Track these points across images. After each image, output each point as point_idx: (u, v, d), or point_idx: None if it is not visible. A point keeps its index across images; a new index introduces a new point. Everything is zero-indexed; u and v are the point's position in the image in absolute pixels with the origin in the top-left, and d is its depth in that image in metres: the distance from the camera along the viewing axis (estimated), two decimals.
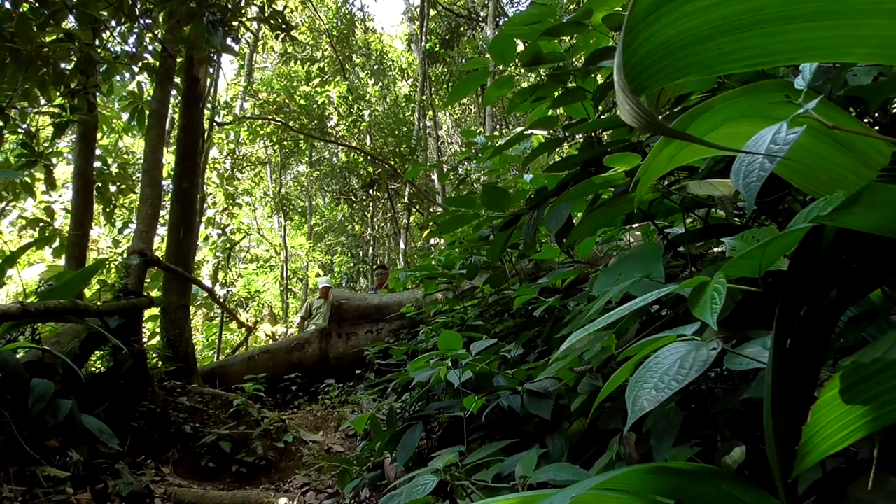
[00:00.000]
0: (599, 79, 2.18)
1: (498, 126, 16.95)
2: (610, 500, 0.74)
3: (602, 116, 2.16)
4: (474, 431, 2.21)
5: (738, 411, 1.38)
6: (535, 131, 2.64)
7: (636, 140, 1.76)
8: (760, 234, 0.80)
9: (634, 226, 2.58)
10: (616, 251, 3.07)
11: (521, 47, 2.41)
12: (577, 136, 3.47)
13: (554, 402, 1.95)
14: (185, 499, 3.67)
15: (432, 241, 15.70)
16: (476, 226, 2.99)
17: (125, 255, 6.63)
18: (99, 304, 4.13)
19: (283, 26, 5.57)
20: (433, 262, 4.31)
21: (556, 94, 2.27)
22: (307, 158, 18.13)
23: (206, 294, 9.70)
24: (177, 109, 8.40)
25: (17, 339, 3.32)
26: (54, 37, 4.72)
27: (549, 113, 2.28)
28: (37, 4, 4.05)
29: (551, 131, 2.90)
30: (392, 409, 3.03)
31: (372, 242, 18.34)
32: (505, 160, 4.37)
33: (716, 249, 2.13)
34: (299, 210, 19.25)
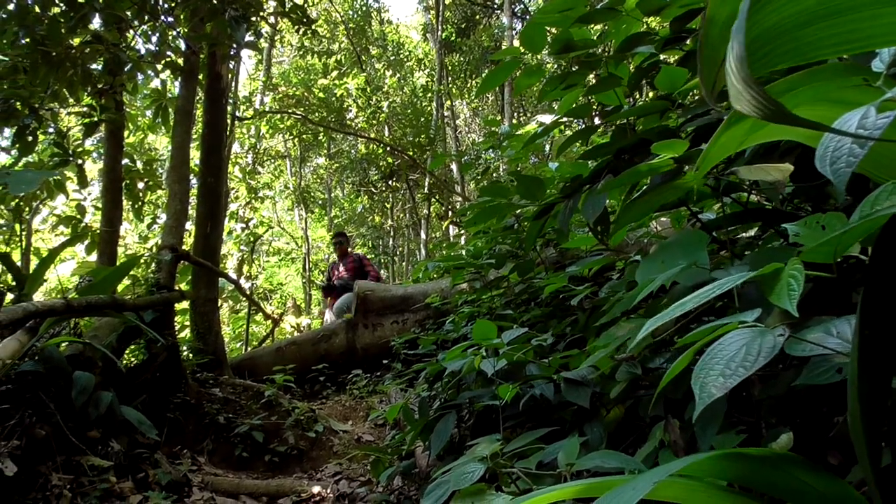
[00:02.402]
0: (631, 66, 2.15)
1: (516, 114, 16.83)
2: (674, 485, 0.75)
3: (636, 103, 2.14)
4: (507, 420, 2.21)
5: (780, 397, 1.37)
6: (566, 119, 2.61)
7: (673, 126, 1.74)
8: (825, 220, 0.80)
9: (659, 212, 2.55)
10: (647, 238, 3.04)
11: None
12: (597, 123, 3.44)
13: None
14: (222, 487, 3.76)
15: (452, 231, 15.71)
16: (501, 215, 2.98)
17: (154, 251, 6.77)
18: (133, 298, 4.23)
19: (304, 20, 5.58)
20: (455, 253, 4.31)
21: (586, 81, 2.25)
22: (326, 151, 18.24)
23: (231, 287, 9.86)
24: (198, 106, 8.50)
25: (59, 333, 3.42)
26: (79, 38, 4.81)
27: (582, 101, 2.26)
28: (65, 7, 4.13)
29: (572, 119, 2.87)
30: (423, 398, 3.06)
31: (392, 233, 18.43)
32: (528, 149, 4.34)
33: (743, 235, 2.11)
34: (319, 202, 19.41)
